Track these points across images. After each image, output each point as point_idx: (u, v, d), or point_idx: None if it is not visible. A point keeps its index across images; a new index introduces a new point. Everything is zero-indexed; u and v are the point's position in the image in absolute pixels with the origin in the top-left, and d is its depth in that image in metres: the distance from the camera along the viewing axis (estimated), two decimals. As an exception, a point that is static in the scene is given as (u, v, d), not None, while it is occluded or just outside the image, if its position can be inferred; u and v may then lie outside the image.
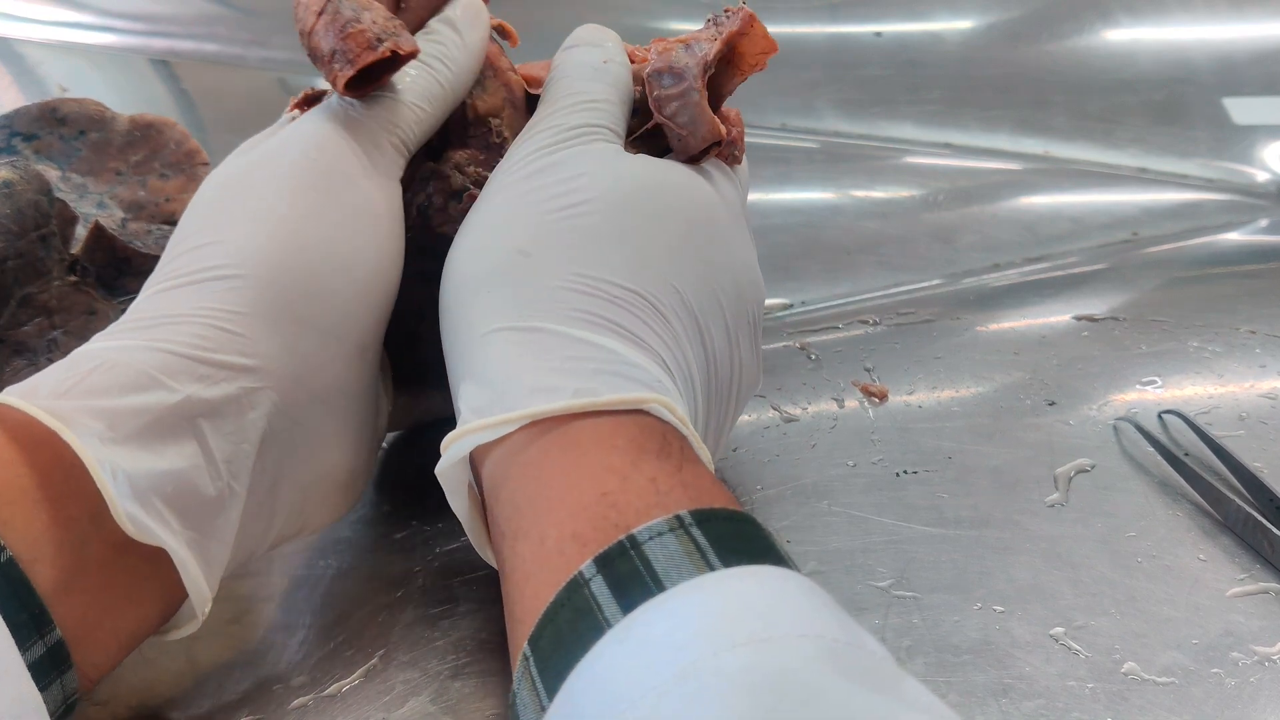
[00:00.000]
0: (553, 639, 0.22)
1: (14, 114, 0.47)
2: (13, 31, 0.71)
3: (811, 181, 0.66)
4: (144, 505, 0.26)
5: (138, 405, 0.27)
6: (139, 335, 0.28)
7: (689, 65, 0.32)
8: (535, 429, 0.26)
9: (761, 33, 0.33)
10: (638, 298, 0.28)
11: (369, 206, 0.31)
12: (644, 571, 0.22)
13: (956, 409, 0.44)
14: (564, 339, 0.27)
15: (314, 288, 0.30)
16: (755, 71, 0.34)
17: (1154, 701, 0.30)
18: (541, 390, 0.26)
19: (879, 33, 0.74)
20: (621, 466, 0.25)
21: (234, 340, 0.28)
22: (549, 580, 0.23)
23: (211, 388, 0.28)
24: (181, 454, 0.27)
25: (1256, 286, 0.56)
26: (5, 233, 0.39)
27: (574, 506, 0.24)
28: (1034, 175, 0.66)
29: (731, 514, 0.23)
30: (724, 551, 0.22)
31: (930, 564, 0.36)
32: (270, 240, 0.30)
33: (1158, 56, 0.72)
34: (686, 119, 0.32)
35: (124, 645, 0.28)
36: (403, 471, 0.41)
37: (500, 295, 0.29)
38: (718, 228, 0.32)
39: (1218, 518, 0.38)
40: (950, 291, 0.55)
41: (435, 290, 0.36)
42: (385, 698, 0.30)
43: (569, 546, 0.23)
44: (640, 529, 0.23)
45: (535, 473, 0.26)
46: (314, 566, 0.36)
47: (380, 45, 0.31)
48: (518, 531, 0.25)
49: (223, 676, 0.32)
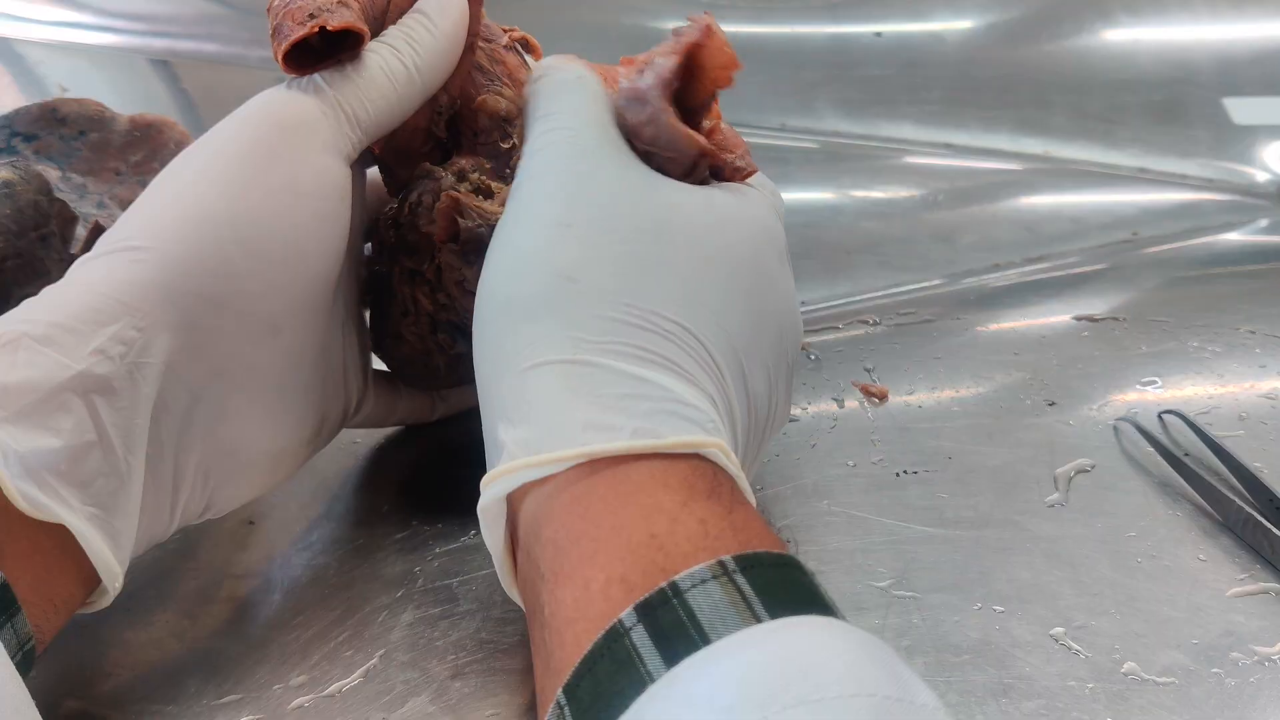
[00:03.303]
0: (591, 690, 0.21)
1: (14, 114, 0.47)
2: (13, 31, 0.71)
3: (811, 181, 0.66)
4: (38, 483, 0.26)
5: (29, 381, 0.27)
6: (38, 308, 0.29)
7: (650, 87, 0.31)
8: (585, 467, 0.25)
9: (721, 44, 0.31)
10: (688, 333, 0.27)
11: (294, 185, 0.31)
12: (688, 622, 0.21)
13: (956, 409, 0.44)
14: (617, 375, 0.26)
15: (219, 265, 0.30)
16: (721, 88, 0.32)
17: (1154, 701, 0.30)
18: (597, 428, 0.25)
19: (879, 33, 0.74)
20: (672, 507, 0.24)
21: (128, 312, 0.28)
22: (588, 628, 0.22)
23: (104, 362, 0.28)
24: (75, 430, 0.27)
25: (1256, 286, 0.56)
26: (5, 233, 0.39)
27: (621, 549, 0.23)
28: (1034, 175, 0.66)
29: (777, 559, 0.23)
30: (769, 601, 0.21)
31: (930, 564, 0.36)
32: (179, 215, 0.30)
33: (1158, 56, 0.72)
34: (664, 141, 0.31)
35: (60, 611, 0.28)
36: (402, 472, 0.41)
37: (546, 325, 0.27)
38: (764, 265, 0.31)
39: (1218, 518, 0.38)
40: (950, 291, 0.55)
41: (420, 289, 0.36)
42: (385, 698, 0.30)
43: (615, 591, 0.23)
44: (682, 576, 0.22)
45: (582, 511, 0.25)
46: (314, 565, 0.36)
47: (311, 21, 0.31)
48: (559, 574, 0.24)
49: (223, 676, 0.32)
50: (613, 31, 0.73)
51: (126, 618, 0.34)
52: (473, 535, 0.37)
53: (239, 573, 0.36)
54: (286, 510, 0.39)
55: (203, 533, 0.38)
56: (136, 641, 0.33)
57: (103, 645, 0.33)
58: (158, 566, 0.36)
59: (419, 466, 0.42)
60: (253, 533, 0.38)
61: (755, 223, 0.31)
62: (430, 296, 0.36)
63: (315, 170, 0.32)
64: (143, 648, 0.33)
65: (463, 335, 0.37)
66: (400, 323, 0.37)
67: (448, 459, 0.42)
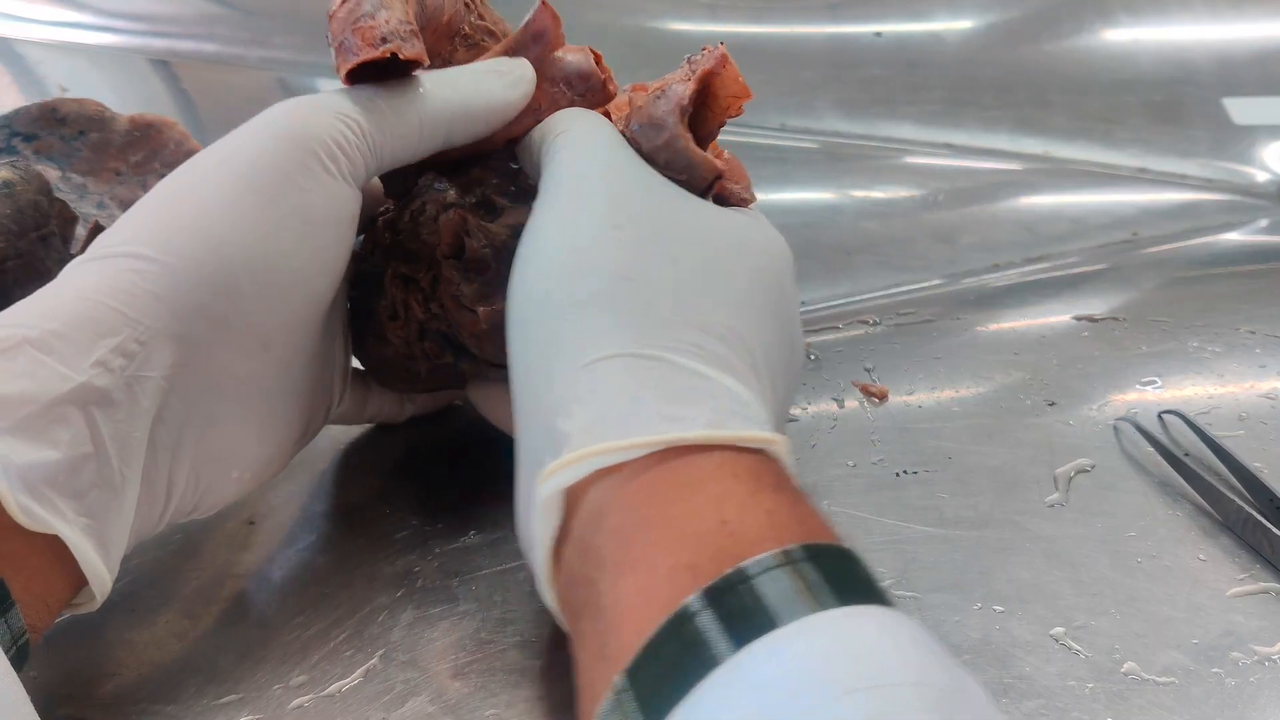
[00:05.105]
0: (655, 673, 0.21)
1: (14, 114, 0.47)
2: (13, 31, 0.71)
3: (811, 181, 0.66)
4: (36, 497, 0.26)
5: (28, 392, 0.27)
6: (35, 312, 0.28)
7: (667, 113, 0.32)
8: (654, 457, 0.25)
9: (734, 75, 0.33)
10: (738, 338, 0.28)
11: (308, 213, 0.31)
12: (755, 607, 0.21)
13: (956, 409, 0.44)
14: (683, 371, 0.26)
15: (225, 284, 0.30)
16: (730, 116, 0.34)
17: (1154, 701, 0.30)
18: (671, 419, 0.25)
19: (879, 33, 0.74)
20: (741, 495, 0.24)
21: (129, 324, 0.28)
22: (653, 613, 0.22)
23: (104, 375, 0.28)
24: (73, 442, 0.27)
25: (1256, 286, 0.56)
26: (5, 233, 0.39)
27: (690, 535, 0.23)
28: (1034, 175, 0.66)
29: (839, 550, 0.23)
30: (833, 590, 0.22)
31: (930, 564, 0.36)
32: (188, 229, 0.29)
33: (1158, 56, 0.72)
34: (680, 164, 0.32)
35: (52, 609, 0.28)
36: (403, 473, 0.41)
37: (606, 320, 0.27)
38: (785, 283, 0.32)
39: (1218, 518, 0.38)
40: (950, 291, 0.55)
41: (414, 296, 0.36)
42: (385, 698, 0.30)
43: (682, 576, 0.23)
44: (749, 562, 0.22)
45: (650, 499, 0.25)
46: (314, 566, 0.36)
47: (383, 45, 0.31)
48: (624, 561, 0.24)
49: (223, 676, 0.32)
50: (613, 31, 0.73)
51: (127, 618, 0.34)
52: (473, 535, 0.37)
53: (239, 573, 0.36)
54: (287, 510, 0.39)
55: (203, 533, 0.38)
56: (137, 642, 0.33)
57: (104, 646, 0.33)
58: (158, 567, 0.36)
59: (419, 467, 0.42)
60: (253, 533, 0.38)
61: (776, 242, 0.33)
62: (423, 305, 0.36)
63: (330, 196, 0.32)
64: (143, 648, 0.33)
65: (450, 345, 0.37)
66: (387, 325, 0.37)
67: (448, 459, 0.42)
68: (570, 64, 0.34)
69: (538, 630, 0.33)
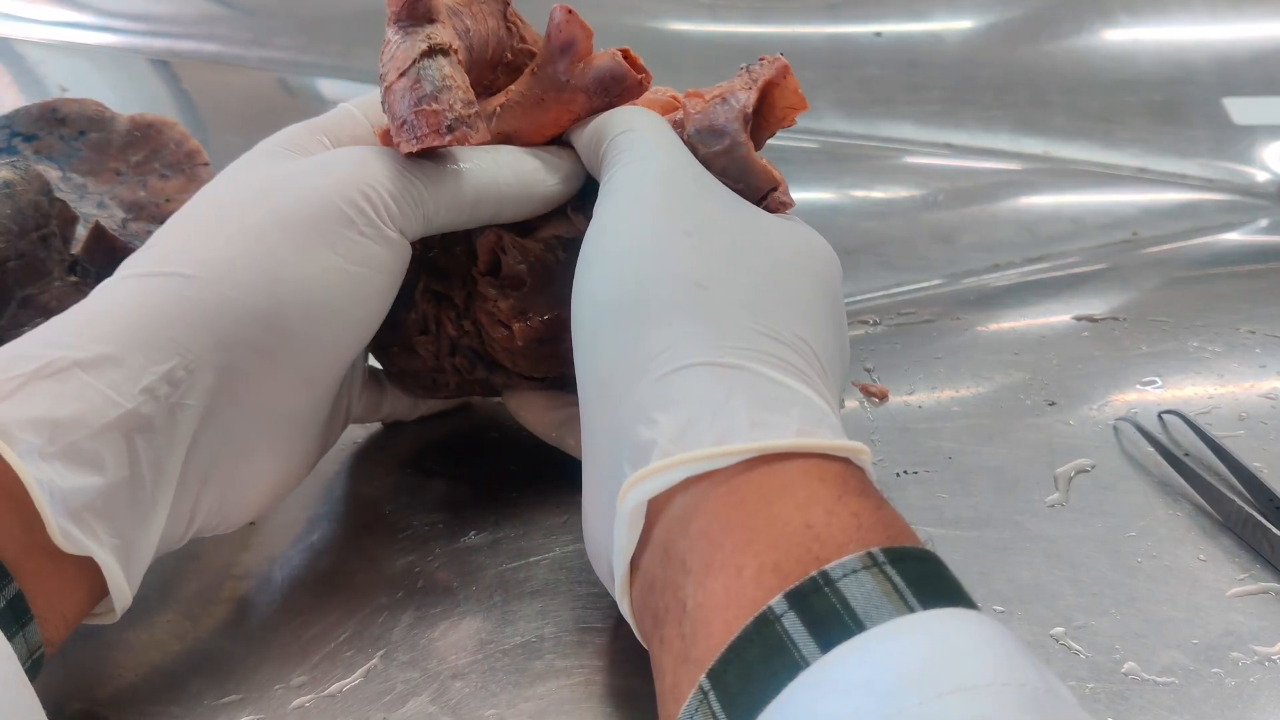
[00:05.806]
0: (740, 675, 0.21)
1: (14, 114, 0.47)
2: (13, 31, 0.71)
3: (811, 181, 0.66)
4: (77, 522, 0.27)
5: (78, 417, 0.27)
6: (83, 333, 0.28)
7: (730, 120, 0.32)
8: (741, 465, 0.25)
9: (794, 86, 0.33)
10: (809, 349, 0.28)
11: (366, 263, 0.31)
12: (841, 609, 0.21)
13: (956, 409, 0.44)
14: (765, 379, 0.26)
15: (279, 321, 0.30)
16: (783, 127, 0.34)
17: (1154, 701, 0.30)
18: (763, 426, 0.25)
19: (879, 33, 0.74)
20: (827, 500, 0.24)
21: (179, 351, 0.28)
22: (739, 614, 0.22)
23: (151, 402, 0.28)
24: (115, 467, 0.27)
25: (1256, 286, 0.56)
26: (5, 233, 0.39)
27: (777, 537, 0.23)
28: (1034, 175, 0.67)
29: (923, 553, 0.23)
30: (920, 593, 0.22)
31: (930, 564, 0.36)
32: (246, 261, 0.29)
33: (1158, 56, 0.72)
34: (737, 172, 0.33)
35: (69, 623, 0.28)
36: (403, 473, 0.41)
37: (684, 329, 0.27)
38: (838, 291, 0.32)
39: (1218, 518, 0.38)
40: (950, 291, 0.55)
41: (446, 313, 0.37)
42: (385, 698, 0.30)
43: (767, 578, 0.23)
44: (833, 565, 0.22)
45: (737, 503, 0.25)
46: (314, 566, 0.36)
47: (449, 134, 0.30)
48: (711, 565, 0.24)
49: (224, 677, 0.32)
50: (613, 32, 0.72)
51: (129, 619, 0.34)
52: (473, 535, 0.37)
53: (240, 573, 0.36)
54: (287, 511, 0.39)
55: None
56: (138, 643, 0.33)
57: (105, 647, 0.33)
58: (159, 568, 0.36)
59: (420, 468, 0.42)
60: (254, 533, 0.38)
61: (826, 249, 0.33)
62: (456, 322, 0.37)
63: (386, 245, 0.32)
64: (145, 649, 0.33)
65: (482, 361, 0.37)
66: (416, 339, 0.37)
67: (449, 460, 0.42)
68: (602, 68, 0.34)
69: (538, 630, 0.33)
